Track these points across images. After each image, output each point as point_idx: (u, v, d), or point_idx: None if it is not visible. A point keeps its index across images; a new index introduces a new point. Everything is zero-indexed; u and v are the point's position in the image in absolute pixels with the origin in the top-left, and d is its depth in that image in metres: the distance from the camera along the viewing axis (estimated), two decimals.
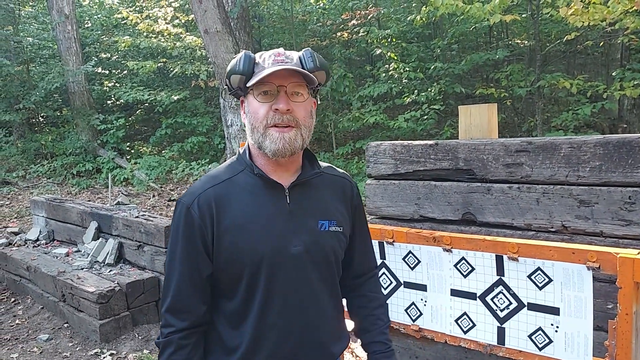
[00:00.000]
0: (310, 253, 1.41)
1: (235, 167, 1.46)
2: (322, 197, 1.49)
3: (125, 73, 13.97)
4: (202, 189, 1.40)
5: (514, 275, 1.90)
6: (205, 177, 1.46)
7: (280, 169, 1.43)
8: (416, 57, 10.08)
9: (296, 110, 1.37)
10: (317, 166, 1.51)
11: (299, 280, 1.41)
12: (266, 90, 1.36)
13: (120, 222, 5.03)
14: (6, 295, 5.32)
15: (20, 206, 9.54)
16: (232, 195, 1.40)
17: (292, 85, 1.36)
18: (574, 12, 5.91)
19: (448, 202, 2.31)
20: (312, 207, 1.46)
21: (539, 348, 1.86)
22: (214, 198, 1.39)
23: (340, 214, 1.51)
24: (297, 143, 1.38)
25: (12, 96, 12.22)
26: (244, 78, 1.38)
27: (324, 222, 1.45)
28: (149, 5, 14.45)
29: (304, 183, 1.46)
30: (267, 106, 1.36)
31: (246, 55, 1.39)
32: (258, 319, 1.39)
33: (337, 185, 1.56)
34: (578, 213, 1.98)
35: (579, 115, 8.20)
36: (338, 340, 1.54)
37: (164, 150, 12.30)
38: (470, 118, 2.51)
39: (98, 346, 4.06)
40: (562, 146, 2.00)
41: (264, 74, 1.33)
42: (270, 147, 1.36)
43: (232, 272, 1.38)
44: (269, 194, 1.41)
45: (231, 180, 1.42)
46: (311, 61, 1.39)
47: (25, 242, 5.95)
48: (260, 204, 1.40)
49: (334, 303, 1.52)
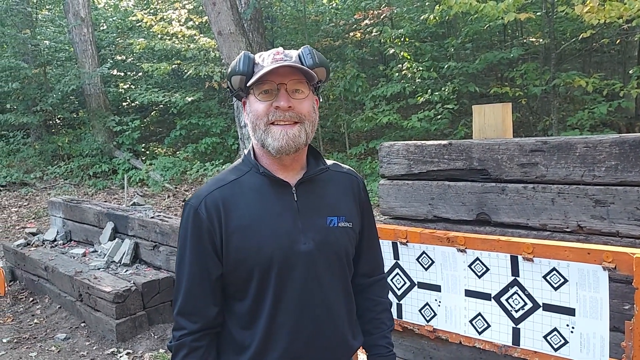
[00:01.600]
0: (320, 250, 1.41)
1: (241, 168, 1.47)
2: (329, 193, 1.49)
3: (140, 75, 14.10)
4: (209, 191, 1.41)
5: (529, 275, 1.89)
6: (212, 180, 1.47)
7: (286, 167, 1.43)
8: (430, 57, 10.02)
9: (299, 106, 1.37)
10: (322, 162, 1.50)
11: (310, 278, 1.40)
12: (266, 88, 1.36)
13: (135, 223, 5.08)
14: (25, 295, 5.41)
15: (38, 207, 9.68)
16: (238, 196, 1.40)
17: (292, 83, 1.36)
18: (590, 10, 5.84)
19: (462, 203, 2.30)
20: (319, 203, 1.45)
21: (555, 349, 1.85)
22: (221, 199, 1.39)
23: (349, 209, 1.51)
24: (301, 139, 1.37)
25: (29, 99, 12.40)
26: (245, 78, 1.38)
27: (333, 218, 1.45)
28: (163, 8, 14.58)
29: (311, 180, 1.45)
30: (267, 104, 1.36)
31: (245, 55, 1.40)
32: (269, 319, 1.39)
33: (343, 181, 1.55)
34: (594, 213, 1.96)
35: (595, 114, 8.10)
36: (352, 336, 1.53)
37: (178, 151, 12.39)
38: (485, 117, 2.49)
39: (114, 345, 4.11)
40: (578, 146, 1.99)
41: (263, 72, 1.33)
42: (274, 145, 1.35)
43: (242, 273, 1.39)
44: (275, 192, 1.41)
45: (237, 181, 1.43)
46: (310, 58, 1.39)
47: (43, 242, 6.04)
48: (267, 203, 1.40)
49: (346, 299, 1.52)
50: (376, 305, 1.63)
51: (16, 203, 10.14)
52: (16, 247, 5.89)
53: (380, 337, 1.61)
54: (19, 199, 10.39)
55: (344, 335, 1.50)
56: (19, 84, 11.71)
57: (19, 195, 10.63)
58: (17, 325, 4.66)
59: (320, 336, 1.43)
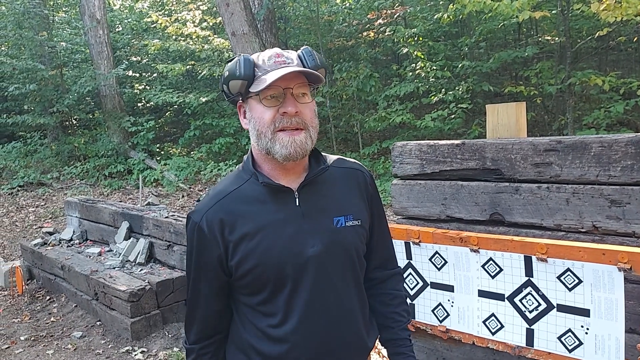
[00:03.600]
0: (329, 252, 1.39)
1: (241, 176, 1.44)
2: (334, 192, 1.46)
3: (155, 76, 14.21)
4: (209, 206, 1.39)
5: (543, 276, 1.88)
6: (212, 192, 1.44)
7: (288, 172, 1.40)
8: (443, 56, 9.97)
9: (303, 112, 1.34)
10: (322, 161, 1.46)
11: (322, 280, 1.38)
12: (272, 93, 1.32)
13: (150, 222, 5.12)
14: (42, 294, 5.48)
15: (55, 207, 9.81)
16: (240, 208, 1.38)
17: (297, 87, 1.33)
18: (606, 8, 5.76)
19: (475, 203, 2.29)
20: (324, 205, 1.42)
21: (569, 350, 1.83)
22: (222, 213, 1.37)
23: (356, 206, 1.47)
24: (308, 146, 1.35)
25: (46, 100, 12.56)
26: (246, 83, 1.34)
27: (340, 218, 1.42)
28: (177, 9, 14.69)
29: (313, 182, 1.42)
30: (273, 110, 1.32)
31: (245, 59, 1.35)
32: (283, 325, 1.39)
33: (349, 177, 1.51)
34: (609, 213, 1.94)
35: (612, 113, 7.99)
36: (367, 335, 1.51)
37: (192, 151, 12.47)
38: (498, 117, 2.47)
39: (129, 344, 4.15)
40: (592, 145, 1.97)
41: (271, 78, 1.29)
42: (281, 152, 1.32)
43: (253, 283, 1.38)
44: (277, 200, 1.38)
45: (238, 191, 1.40)
46: (312, 59, 1.37)
47: (60, 241, 6.12)
48: (269, 212, 1.37)
49: (360, 298, 1.50)
50: (393, 299, 1.60)
51: (33, 203, 10.28)
52: (33, 246, 5.98)
53: (400, 330, 1.57)
54: (36, 199, 10.54)
55: (360, 334, 1.48)
56: (36, 85, 11.85)
57: (36, 195, 10.78)
58: (34, 323, 4.73)
59: (336, 337, 1.42)
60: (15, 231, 8.56)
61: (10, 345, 4.27)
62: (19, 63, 11.85)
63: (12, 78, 12.41)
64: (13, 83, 11.99)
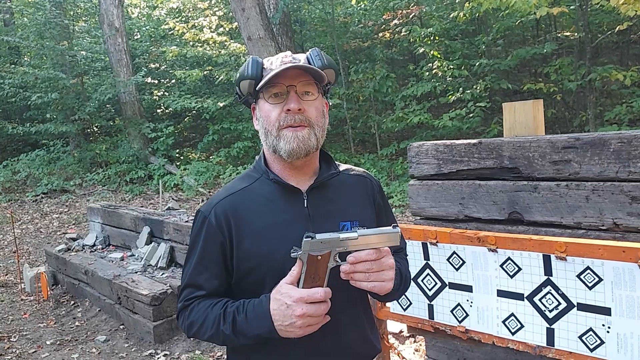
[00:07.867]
0: None
1: (252, 175, 1.46)
2: (342, 198, 1.46)
3: (173, 82, 14.38)
4: (219, 199, 1.41)
5: (563, 275, 1.86)
6: (224, 188, 1.47)
7: (297, 173, 1.42)
8: (460, 54, 9.89)
9: (308, 110, 1.36)
10: (334, 167, 1.48)
11: None
12: (276, 92, 1.35)
13: (171, 227, 5.18)
14: (66, 299, 5.58)
15: (78, 213, 9.98)
16: (249, 204, 1.40)
17: (301, 84, 1.35)
18: (626, 1, 5.66)
19: (493, 202, 2.27)
20: (331, 209, 1.43)
21: (590, 349, 1.81)
22: (231, 207, 1.39)
23: (363, 213, 1.47)
24: (311, 142, 1.36)
25: (68, 108, 12.79)
26: (254, 83, 1.37)
27: (345, 223, 1.42)
28: (194, 15, 14.83)
29: (322, 185, 1.43)
30: (278, 108, 1.35)
31: (254, 60, 1.39)
32: None
33: (357, 184, 1.52)
34: (630, 210, 1.91)
35: (634, 108, 7.85)
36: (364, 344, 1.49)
37: (211, 155, 12.57)
38: (515, 115, 2.45)
39: (152, 347, 4.20)
40: (612, 141, 1.94)
41: (273, 73, 1.32)
42: (285, 148, 1.34)
43: (253, 280, 1.38)
44: (286, 199, 1.40)
45: (248, 189, 1.42)
46: (319, 59, 1.38)
47: (83, 247, 6.22)
48: (277, 211, 1.39)
49: (362, 303, 1.49)
50: None
51: (57, 209, 10.47)
52: (58, 252, 6.09)
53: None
54: (59, 206, 10.73)
55: (362, 337, 1.47)
56: (58, 94, 12.08)
57: (60, 202, 10.98)
58: (59, 327, 4.82)
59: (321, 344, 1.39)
60: (40, 237, 8.73)
61: (36, 349, 4.36)
62: (41, 72, 12.09)
63: (35, 87, 12.67)
64: (36, 92, 12.25)
